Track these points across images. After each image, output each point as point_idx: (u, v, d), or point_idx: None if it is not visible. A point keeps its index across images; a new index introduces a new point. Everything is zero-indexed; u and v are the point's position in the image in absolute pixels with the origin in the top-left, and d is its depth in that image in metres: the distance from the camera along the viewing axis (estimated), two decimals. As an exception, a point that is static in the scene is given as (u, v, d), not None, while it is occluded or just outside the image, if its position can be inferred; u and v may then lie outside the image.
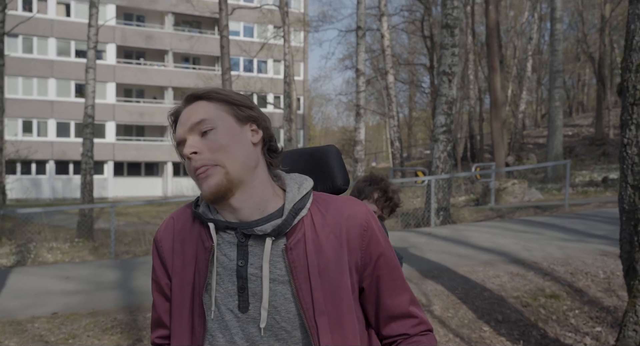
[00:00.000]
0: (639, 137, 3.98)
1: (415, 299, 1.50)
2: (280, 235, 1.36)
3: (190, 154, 1.37)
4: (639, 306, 3.89)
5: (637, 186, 3.98)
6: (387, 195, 2.70)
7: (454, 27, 12.28)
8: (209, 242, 1.40)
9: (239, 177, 1.37)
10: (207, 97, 1.42)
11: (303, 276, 1.34)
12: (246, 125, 1.42)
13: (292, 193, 1.41)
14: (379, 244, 1.43)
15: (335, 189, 1.61)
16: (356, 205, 1.44)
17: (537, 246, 7.87)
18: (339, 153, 1.64)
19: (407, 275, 6.65)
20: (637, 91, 4.00)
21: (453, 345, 5.08)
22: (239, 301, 1.36)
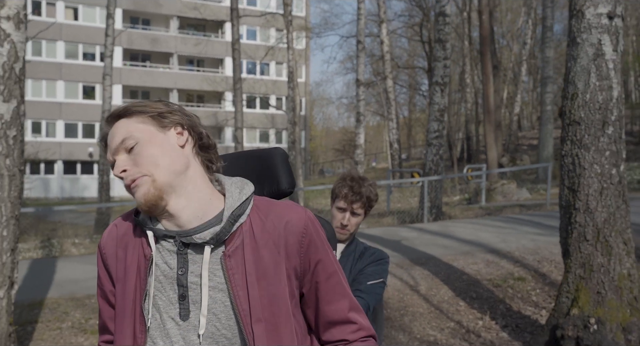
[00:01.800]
0: (572, 150, 5.16)
1: (355, 305, 1.50)
2: (219, 243, 1.36)
3: (120, 173, 1.39)
4: (570, 279, 5.07)
5: (571, 187, 5.15)
6: (353, 190, 2.67)
7: (446, 41, 13.45)
8: (148, 250, 1.40)
9: (167, 182, 1.37)
10: (125, 114, 1.42)
11: (241, 284, 1.34)
12: (170, 131, 1.42)
13: (232, 199, 1.41)
14: (317, 250, 1.44)
15: (280, 192, 1.60)
16: (295, 211, 1.44)
17: (514, 239, 9.04)
18: (286, 155, 1.65)
19: (399, 262, 7.83)
20: (571, 114, 5.17)
21: (434, 316, 6.26)
22: (180, 309, 1.36)
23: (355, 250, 2.74)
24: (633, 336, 4.74)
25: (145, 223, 1.42)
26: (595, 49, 5.09)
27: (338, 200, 2.71)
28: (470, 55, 33.69)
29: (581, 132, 5.11)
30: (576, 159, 5.12)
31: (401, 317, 6.18)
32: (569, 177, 5.19)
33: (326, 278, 1.45)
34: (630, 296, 4.91)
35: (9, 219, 4.60)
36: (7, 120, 4.50)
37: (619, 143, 5.09)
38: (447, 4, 13.46)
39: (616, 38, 5.11)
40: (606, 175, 5.03)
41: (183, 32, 45.60)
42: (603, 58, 5.08)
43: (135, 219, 1.45)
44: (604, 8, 5.08)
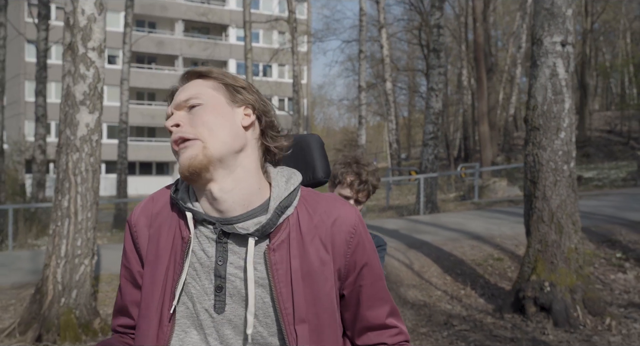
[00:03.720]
0: (533, 150, 6.48)
1: (395, 310, 1.45)
2: (263, 235, 1.28)
3: (172, 127, 1.32)
4: (531, 252, 6.39)
5: (532, 180, 6.48)
6: (360, 178, 2.55)
7: (440, 50, 14.78)
8: (186, 233, 1.31)
9: (218, 155, 1.28)
10: (205, 76, 1.37)
11: (284, 281, 1.26)
12: (239, 108, 1.35)
13: (279, 189, 1.33)
14: (364, 252, 1.36)
15: (315, 181, 1.54)
16: (346, 208, 1.36)
17: (496, 227, 10.36)
18: (322, 143, 1.58)
19: (397, 246, 9.14)
20: (532, 122, 6.50)
21: (424, 287, 7.58)
22: (215, 301, 1.28)
23: None
24: (577, 296, 6.07)
25: (184, 202, 1.34)
26: (551, 70, 6.42)
27: (342, 187, 2.57)
28: (467, 58, 35.00)
29: (540, 136, 6.43)
30: (536, 158, 6.44)
31: (397, 288, 7.50)
32: (531, 172, 6.51)
33: (372, 283, 1.38)
34: (577, 265, 6.24)
35: (92, 204, 5.93)
36: (92, 128, 5.83)
37: (569, 145, 6.42)
38: (441, 17, 14.79)
39: (568, 61, 6.44)
40: (559, 170, 6.36)
41: (188, 35, 46.91)
42: (557, 77, 6.41)
43: (173, 197, 1.36)
44: (558, 38, 6.40)
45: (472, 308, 6.85)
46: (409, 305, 6.95)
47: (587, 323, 5.88)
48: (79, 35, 5.75)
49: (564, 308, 6.00)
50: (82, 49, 5.77)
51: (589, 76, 36.09)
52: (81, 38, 5.74)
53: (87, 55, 5.78)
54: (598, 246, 9.07)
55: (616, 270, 8.23)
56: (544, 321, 6.01)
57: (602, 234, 9.51)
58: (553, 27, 6.40)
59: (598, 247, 9.02)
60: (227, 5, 47.99)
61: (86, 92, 5.79)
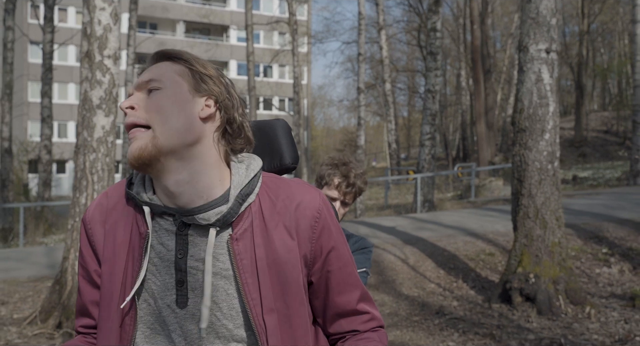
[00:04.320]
0: (520, 150, 6.91)
1: (366, 295, 1.41)
2: (225, 225, 1.24)
3: (126, 108, 1.26)
4: (517, 246, 6.83)
5: (519, 179, 6.91)
6: (348, 181, 2.52)
7: (437, 53, 15.21)
8: (143, 228, 1.26)
9: (169, 146, 1.22)
10: (175, 58, 1.30)
11: (250, 270, 1.23)
12: (201, 98, 1.27)
13: (239, 177, 1.28)
14: (331, 237, 1.33)
15: (283, 167, 1.47)
16: (309, 192, 1.32)
17: (490, 225, 10.79)
18: (289, 127, 1.51)
19: (394, 242, 9.58)
20: (519, 124, 6.93)
21: (419, 280, 8.01)
22: (177, 296, 1.24)
23: None
24: (560, 287, 6.50)
25: (141, 196, 1.29)
26: (537, 76, 6.85)
27: (329, 189, 2.55)
28: (466, 59, 35.46)
29: (526, 137, 6.86)
30: (522, 158, 6.88)
31: (393, 281, 7.94)
32: (517, 171, 6.95)
33: (339, 267, 1.34)
34: (560, 258, 6.68)
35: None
36: (108, 130, 6.26)
37: (554, 145, 6.85)
38: (438, 21, 15.22)
39: (552, 67, 6.87)
40: (544, 170, 6.79)
41: (189, 36, 47.37)
42: (542, 82, 6.84)
43: (128, 191, 1.31)
44: (543, 45, 6.84)
45: (463, 299, 7.28)
46: (403, 297, 7.38)
47: (569, 312, 6.32)
48: (96, 44, 6.18)
49: (547, 298, 6.43)
50: (99, 56, 6.20)
51: (587, 77, 36.55)
52: (98, 46, 6.18)
53: (103, 63, 6.22)
54: (586, 242, 9.49)
55: (601, 265, 8.66)
56: (529, 310, 6.44)
57: (591, 231, 9.94)
58: (538, 35, 6.83)
59: (586, 243, 9.45)
60: (227, 7, 48.44)
61: (102, 97, 6.22)
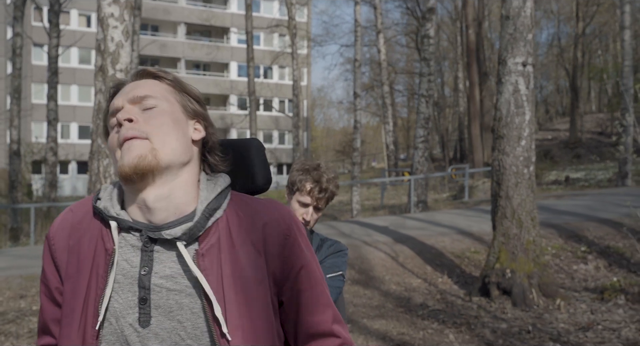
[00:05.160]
0: (498, 156, 7.49)
1: (338, 317, 1.38)
2: (191, 240, 1.22)
3: (124, 120, 1.23)
4: (496, 244, 7.42)
5: (497, 182, 7.49)
6: (320, 186, 2.51)
7: (430, 59, 15.80)
8: (110, 244, 1.24)
9: (167, 161, 1.23)
10: (160, 77, 1.31)
11: (216, 287, 1.20)
12: (191, 120, 1.32)
13: (206, 192, 1.28)
14: (301, 255, 1.31)
15: (255, 188, 1.45)
16: (279, 209, 1.32)
17: (477, 224, 11.38)
18: (262, 148, 1.48)
19: (385, 240, 10.16)
20: (498, 131, 7.51)
21: (407, 275, 8.60)
22: (140, 314, 1.20)
23: (311, 242, 2.59)
24: (533, 281, 7.10)
25: (108, 211, 1.26)
26: (514, 87, 7.43)
27: (301, 195, 2.54)
28: (462, 62, 36.05)
29: (504, 144, 7.45)
30: (501, 162, 7.47)
31: (382, 277, 8.52)
32: (496, 175, 7.54)
33: (310, 286, 1.32)
34: (534, 254, 7.27)
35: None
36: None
37: (529, 151, 7.44)
38: (431, 28, 15.81)
39: (528, 79, 7.46)
40: (520, 174, 7.38)
41: (190, 37, 47.90)
42: (519, 93, 7.43)
43: (95, 206, 1.28)
44: (520, 59, 7.42)
45: (447, 293, 7.87)
46: (391, 291, 7.97)
47: (540, 304, 6.91)
48: (109, 59, 6.77)
49: (521, 291, 7.02)
50: (111, 70, 6.79)
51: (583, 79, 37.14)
52: (111, 61, 6.76)
53: (116, 76, 6.80)
54: (566, 240, 10.09)
55: (579, 262, 9.25)
56: (505, 302, 7.04)
57: (571, 230, 10.53)
58: (515, 49, 7.42)
59: (566, 242, 10.04)
60: (228, 9, 48.98)
61: (114, 107, 6.81)
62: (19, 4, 17.10)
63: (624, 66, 18.65)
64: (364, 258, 9.15)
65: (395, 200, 22.47)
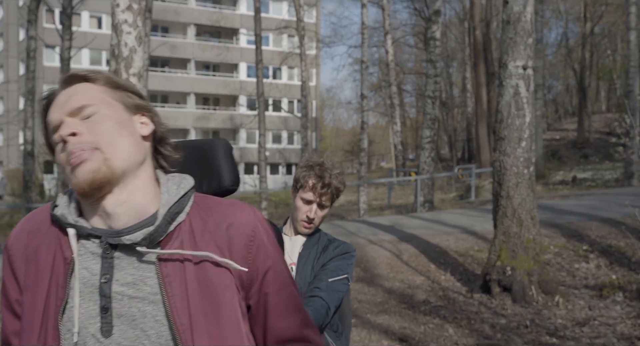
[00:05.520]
0: (499, 157, 7.70)
1: (309, 321, 1.37)
2: (152, 245, 1.19)
3: (68, 136, 1.18)
4: (497, 242, 7.63)
5: (498, 182, 7.71)
6: (323, 181, 2.46)
7: (436, 61, 16.02)
8: (68, 252, 1.20)
9: (121, 168, 1.19)
10: (93, 79, 1.25)
11: (179, 293, 1.17)
12: (135, 116, 1.27)
13: (168, 195, 1.24)
14: (267, 256, 1.28)
15: (222, 189, 1.43)
16: (242, 210, 1.29)
17: (481, 223, 11.57)
18: (229, 147, 1.47)
19: (390, 239, 10.39)
20: (499, 133, 7.72)
21: (411, 273, 8.82)
22: (102, 324, 1.17)
23: (318, 243, 2.57)
24: (533, 278, 7.31)
25: (65, 218, 1.22)
26: (514, 90, 7.65)
27: (304, 191, 2.50)
28: (470, 62, 36.21)
29: (505, 145, 7.66)
30: (502, 163, 7.68)
31: (387, 274, 8.75)
32: (497, 175, 7.76)
33: (278, 290, 1.30)
34: (534, 253, 7.48)
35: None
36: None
37: (530, 152, 7.65)
38: (437, 30, 16.02)
39: (528, 82, 7.66)
40: (520, 174, 7.59)
41: (200, 38, 48.25)
42: (519, 96, 7.64)
43: (53, 214, 1.24)
44: (520, 62, 7.63)
45: (449, 290, 8.09)
46: (395, 288, 8.20)
47: (540, 300, 7.12)
48: (122, 64, 7.03)
49: (521, 288, 7.24)
50: (125, 74, 7.05)
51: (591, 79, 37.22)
52: (124, 66, 7.03)
53: (129, 80, 7.06)
54: (568, 239, 10.27)
55: (581, 260, 9.44)
56: (505, 299, 7.25)
57: (574, 229, 10.72)
58: (516, 53, 7.63)
59: (568, 241, 10.23)
60: (237, 10, 49.31)
61: (128, 110, 7.07)
62: (32, 7, 17.43)
63: (630, 67, 18.80)
64: (369, 257, 9.38)
65: (403, 200, 22.68)
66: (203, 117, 46.80)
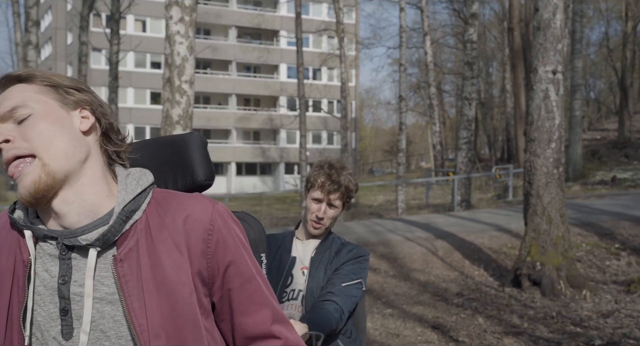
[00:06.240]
0: (530, 157, 8.07)
1: (281, 316, 1.32)
2: (107, 245, 1.17)
3: (1, 144, 1.16)
4: (527, 239, 8.01)
5: (529, 181, 8.08)
6: (331, 179, 2.44)
7: (473, 63, 16.35)
8: (26, 254, 1.19)
9: (62, 170, 1.16)
10: (27, 79, 1.22)
11: (136, 293, 1.16)
12: (74, 111, 1.22)
13: (125, 193, 1.21)
14: (227, 250, 1.25)
15: (195, 185, 1.39)
16: (200, 203, 1.25)
17: (516, 222, 11.88)
18: (203, 141, 1.43)
19: (426, 237, 10.81)
20: (530, 134, 8.09)
21: (446, 268, 9.24)
22: (62, 326, 1.16)
23: (331, 247, 2.54)
24: (562, 273, 7.67)
25: (22, 220, 1.21)
26: (544, 94, 8.01)
27: (314, 190, 2.49)
28: (509, 63, 36.23)
29: (535, 146, 8.03)
30: (532, 163, 8.05)
31: (423, 269, 9.19)
32: (528, 175, 8.13)
33: (240, 284, 1.26)
34: (563, 249, 7.84)
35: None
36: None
37: (559, 153, 8.00)
38: (474, 33, 16.34)
39: (558, 86, 8.02)
40: (550, 174, 7.96)
41: (241, 40, 49.03)
42: (549, 99, 8.00)
43: (10, 216, 1.23)
44: (550, 67, 7.99)
45: (482, 284, 8.49)
46: (430, 281, 8.63)
47: (568, 294, 7.48)
48: (175, 72, 7.61)
49: (550, 283, 7.61)
50: (177, 81, 7.63)
51: (634, 78, 36.88)
52: (177, 73, 7.61)
53: (181, 87, 7.64)
54: (601, 238, 10.55)
55: (612, 258, 9.73)
56: (535, 292, 7.63)
57: (607, 228, 10.98)
58: (546, 58, 7.99)
59: (601, 239, 10.51)
60: (278, 12, 49.99)
61: (180, 114, 7.65)
62: (85, 14, 18.28)
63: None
64: (405, 253, 9.82)
65: (441, 199, 22.98)
66: (244, 117, 47.56)
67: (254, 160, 47.97)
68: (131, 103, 44.31)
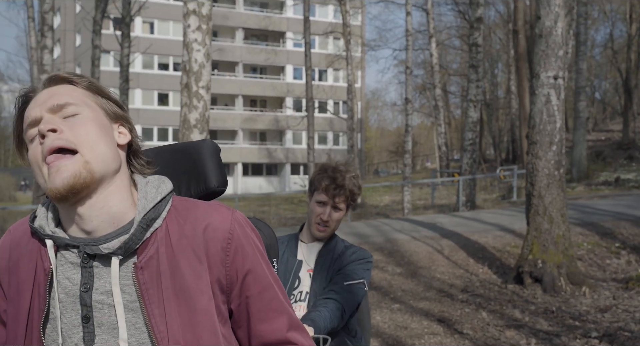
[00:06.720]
0: (532, 159, 8.40)
1: (296, 323, 1.35)
2: (129, 253, 1.20)
3: (48, 131, 1.17)
4: (529, 238, 8.34)
5: (531, 182, 8.41)
6: (336, 182, 2.44)
7: (478, 66, 16.68)
8: (47, 263, 1.21)
9: (100, 172, 1.20)
10: (76, 83, 1.26)
11: (156, 301, 1.19)
12: (115, 124, 1.28)
13: (145, 201, 1.24)
14: (246, 259, 1.28)
15: (209, 191, 1.43)
16: (219, 212, 1.28)
17: (520, 222, 12.21)
18: (216, 149, 1.46)
19: (432, 236, 11.15)
20: (532, 137, 8.43)
21: (451, 267, 9.58)
22: (84, 333, 1.19)
23: (334, 249, 2.57)
24: (562, 270, 8.01)
25: (43, 229, 1.23)
26: (546, 98, 8.34)
27: (318, 193, 2.51)
28: (514, 65, 36.51)
29: (537, 149, 8.37)
30: (534, 165, 8.39)
31: (429, 267, 9.53)
32: (530, 176, 8.47)
33: (259, 292, 1.29)
34: (563, 247, 8.17)
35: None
36: (201, 144, 8.04)
37: (560, 155, 8.33)
38: (479, 36, 16.67)
39: (559, 91, 8.35)
40: (551, 175, 8.29)
41: (247, 42, 49.43)
42: (550, 104, 8.33)
43: (31, 225, 1.25)
44: (551, 73, 8.32)
45: (486, 281, 8.83)
46: (436, 278, 8.97)
47: (568, 290, 7.82)
48: (193, 78, 7.98)
49: (551, 279, 7.94)
50: (195, 87, 7.99)
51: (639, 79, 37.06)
52: (194, 79, 7.97)
53: (199, 92, 8.00)
54: (602, 237, 10.88)
55: (612, 257, 10.06)
56: (536, 289, 7.97)
57: (608, 228, 11.31)
58: (547, 64, 8.32)
59: (602, 238, 10.84)
60: (285, 14, 50.36)
61: (197, 119, 8.01)
62: (97, 18, 18.67)
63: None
64: (412, 251, 10.16)
65: (446, 200, 23.31)
66: (250, 118, 47.95)
67: (260, 160, 48.36)
68: (139, 105, 44.72)
